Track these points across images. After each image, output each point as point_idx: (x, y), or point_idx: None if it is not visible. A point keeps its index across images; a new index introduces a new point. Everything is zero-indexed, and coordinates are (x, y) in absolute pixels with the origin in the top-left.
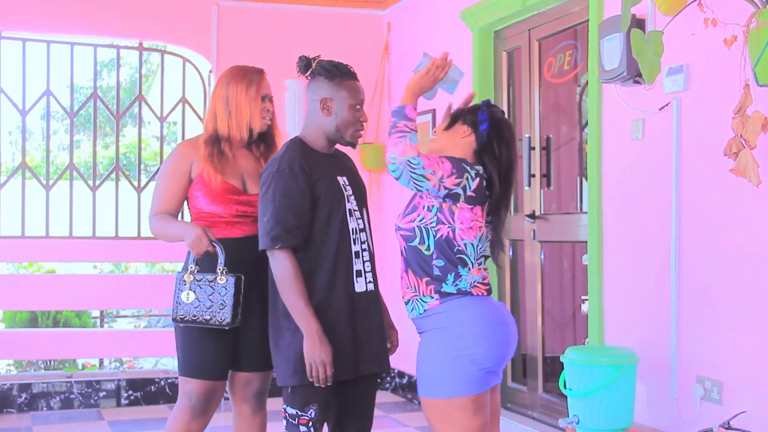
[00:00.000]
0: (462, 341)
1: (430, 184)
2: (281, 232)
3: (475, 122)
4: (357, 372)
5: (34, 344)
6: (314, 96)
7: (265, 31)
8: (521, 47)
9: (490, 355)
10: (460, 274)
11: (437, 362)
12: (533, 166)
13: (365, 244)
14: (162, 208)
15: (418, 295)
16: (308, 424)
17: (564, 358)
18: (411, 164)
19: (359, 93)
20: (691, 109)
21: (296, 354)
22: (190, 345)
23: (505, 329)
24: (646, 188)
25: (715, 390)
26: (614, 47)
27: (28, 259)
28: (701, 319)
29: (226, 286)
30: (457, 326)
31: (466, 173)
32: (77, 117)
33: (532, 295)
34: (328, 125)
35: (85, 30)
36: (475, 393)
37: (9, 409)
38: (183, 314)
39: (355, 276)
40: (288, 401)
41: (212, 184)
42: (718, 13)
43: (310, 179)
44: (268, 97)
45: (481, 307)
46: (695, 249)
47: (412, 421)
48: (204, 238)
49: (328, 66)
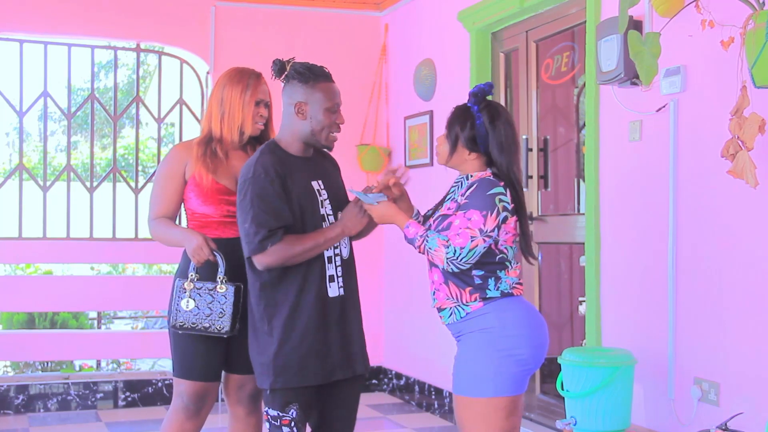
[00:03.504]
0: (509, 341)
1: (483, 244)
2: (266, 234)
3: (474, 140)
4: (332, 376)
5: (32, 345)
6: (289, 100)
7: (262, 33)
8: (519, 49)
9: (534, 356)
10: (500, 277)
11: (482, 362)
12: (531, 168)
13: (338, 249)
14: (160, 212)
15: (459, 303)
16: (290, 425)
17: (561, 359)
18: (453, 259)
19: (334, 96)
20: (689, 110)
21: (271, 356)
22: (183, 347)
23: (544, 330)
24: (644, 190)
25: (713, 391)
26: (611, 49)
27: (25, 260)
28: (699, 321)
29: (225, 294)
30: (504, 327)
31: (497, 197)
32: (74, 118)
33: (529, 297)
34: (303, 129)
35: (82, 31)
36: (515, 393)
37: (6, 411)
38: (182, 321)
39: (328, 281)
40: (269, 403)
41: (203, 184)
42: (716, 14)
43: (284, 183)
44: (264, 102)
45: (524, 308)
46: (692, 250)
47: (409, 423)
48: (205, 248)
49: (302, 69)
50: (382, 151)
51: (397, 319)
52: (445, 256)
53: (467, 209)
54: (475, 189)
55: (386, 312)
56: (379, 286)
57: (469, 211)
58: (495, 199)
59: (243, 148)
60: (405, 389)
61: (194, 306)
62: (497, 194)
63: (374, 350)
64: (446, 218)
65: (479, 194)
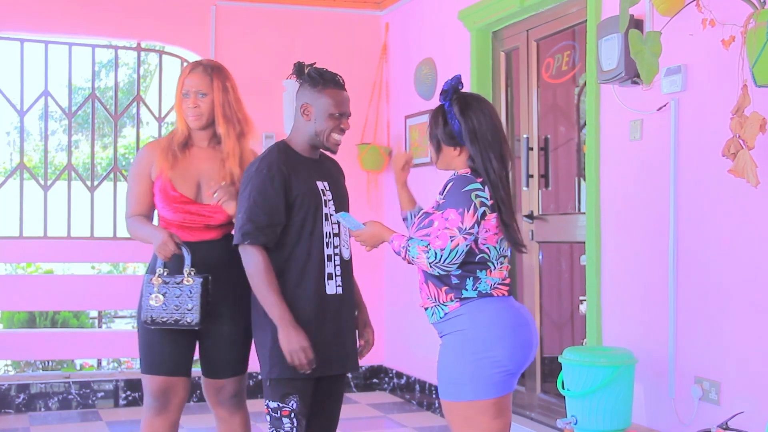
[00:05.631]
0: (482, 344)
1: (464, 243)
2: (252, 228)
3: (452, 135)
4: (328, 370)
5: (32, 345)
6: (298, 101)
7: (263, 32)
8: (519, 48)
9: (512, 357)
10: (479, 278)
11: (458, 365)
12: (531, 167)
13: (338, 249)
14: (135, 211)
15: (438, 303)
16: (290, 416)
17: (562, 358)
18: (436, 262)
19: (341, 103)
20: (690, 109)
21: (272, 347)
22: (149, 342)
23: (526, 330)
24: (645, 189)
25: (713, 390)
26: (612, 48)
27: (26, 259)
28: (699, 320)
29: (192, 287)
30: (477, 329)
31: (473, 193)
32: (75, 117)
33: (530, 296)
34: (308, 130)
35: (83, 30)
36: (496, 396)
37: (7, 410)
38: (152, 317)
39: (327, 279)
40: (269, 395)
41: (160, 189)
42: (717, 13)
43: (287, 182)
44: (191, 92)
45: (501, 309)
46: (693, 249)
47: (410, 422)
48: (170, 243)
49: (314, 74)
50: (382, 150)
51: (397, 318)
52: (427, 261)
53: (444, 209)
54: (451, 187)
55: (386, 311)
56: (379, 285)
57: (446, 210)
58: (471, 195)
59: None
60: (405, 388)
61: (162, 301)
62: (473, 190)
63: (375, 349)
64: (428, 216)
65: (455, 192)
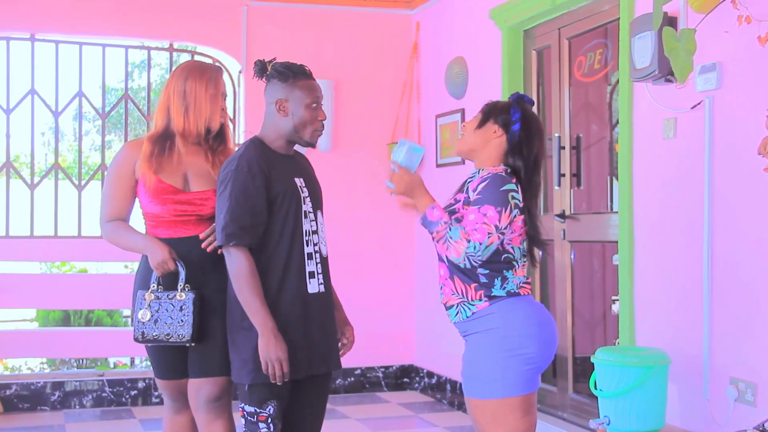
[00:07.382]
0: (516, 341)
1: (497, 241)
2: (236, 229)
3: (507, 122)
4: (308, 372)
5: (67, 343)
6: (270, 98)
7: (294, 32)
8: (551, 46)
9: (542, 354)
10: (506, 277)
11: (488, 363)
12: (563, 166)
13: (317, 246)
14: (112, 214)
15: (465, 300)
16: (267, 421)
17: (594, 358)
18: (471, 254)
19: (315, 91)
20: (724, 107)
21: (251, 352)
22: (154, 350)
23: (552, 328)
24: (678, 188)
25: (749, 391)
26: (645, 45)
27: (61, 258)
28: (734, 320)
29: (185, 303)
30: (509, 327)
31: (510, 193)
32: (109, 118)
33: (562, 296)
34: (286, 126)
35: (116, 31)
36: (525, 393)
37: (42, 407)
38: (144, 333)
39: (308, 277)
40: (245, 399)
41: (147, 184)
42: (752, 10)
43: (268, 179)
44: (225, 96)
45: (530, 307)
46: (728, 248)
47: (441, 422)
48: (170, 262)
49: (281, 68)
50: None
51: (428, 317)
52: (465, 250)
53: (481, 204)
54: (488, 184)
55: (417, 310)
56: (410, 285)
57: (484, 206)
58: (508, 195)
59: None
60: (436, 388)
61: (152, 317)
62: (510, 191)
63: (405, 349)
64: (453, 211)
65: (492, 190)
